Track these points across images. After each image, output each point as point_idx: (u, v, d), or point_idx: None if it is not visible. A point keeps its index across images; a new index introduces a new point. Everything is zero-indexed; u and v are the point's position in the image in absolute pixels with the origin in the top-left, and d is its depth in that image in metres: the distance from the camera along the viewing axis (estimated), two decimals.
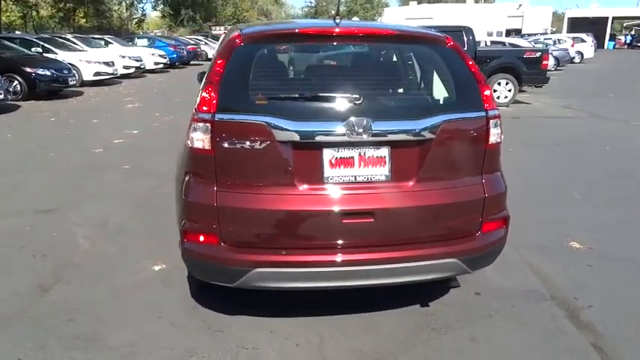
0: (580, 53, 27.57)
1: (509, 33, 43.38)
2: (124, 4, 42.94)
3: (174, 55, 22.62)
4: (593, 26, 41.44)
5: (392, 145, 2.27)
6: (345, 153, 2.26)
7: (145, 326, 2.76)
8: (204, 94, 2.26)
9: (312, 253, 2.28)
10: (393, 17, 58.45)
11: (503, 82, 11.18)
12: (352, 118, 2.20)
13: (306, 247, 2.29)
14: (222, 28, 46.88)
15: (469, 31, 10.92)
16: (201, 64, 26.64)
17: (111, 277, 3.32)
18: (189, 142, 2.32)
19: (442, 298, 3.05)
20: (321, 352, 2.54)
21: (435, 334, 2.70)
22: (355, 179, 2.28)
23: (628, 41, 49.96)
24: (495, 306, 2.96)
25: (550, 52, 12.79)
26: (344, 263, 2.27)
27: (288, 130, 2.21)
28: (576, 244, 3.85)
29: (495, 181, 2.46)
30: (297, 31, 2.44)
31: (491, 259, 2.55)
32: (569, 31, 41.35)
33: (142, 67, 18.39)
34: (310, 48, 2.58)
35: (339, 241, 2.30)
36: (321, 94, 2.31)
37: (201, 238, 2.34)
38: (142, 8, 47.68)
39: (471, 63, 2.42)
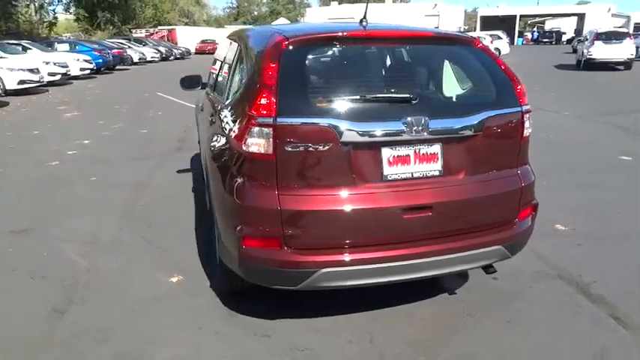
0: (498, 49, 29.45)
1: None
2: (32, 6, 40.05)
3: (100, 60, 21.49)
4: (503, 24, 44.28)
5: (444, 141, 2.38)
6: (403, 151, 2.35)
7: (189, 338, 2.69)
8: (262, 98, 2.24)
9: (376, 250, 2.34)
10: (315, 17, 59.10)
11: None
12: (410, 117, 2.29)
13: (369, 244, 2.35)
14: (144, 30, 45.07)
15: None
16: (128, 69, 25.56)
17: (127, 294, 3.18)
18: (244, 146, 2.29)
19: (465, 285, 3.22)
20: (375, 345, 2.61)
21: (472, 319, 2.86)
22: (412, 175, 2.38)
23: (534, 37, 54.30)
24: (515, 288, 3.17)
25: None
26: (406, 257, 2.36)
27: (352, 131, 2.26)
28: (561, 227, 4.18)
29: (527, 171, 2.66)
30: (342, 34, 2.50)
31: (525, 244, 2.74)
32: (481, 29, 44.05)
33: (67, 73, 17.32)
34: (355, 50, 2.63)
35: (401, 236, 2.39)
36: (379, 95, 2.39)
37: (263, 243, 2.33)
38: (53, 11, 44.71)
39: (500, 61, 2.60)
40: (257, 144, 2.26)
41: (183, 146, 7.41)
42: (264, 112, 2.22)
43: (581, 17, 45.26)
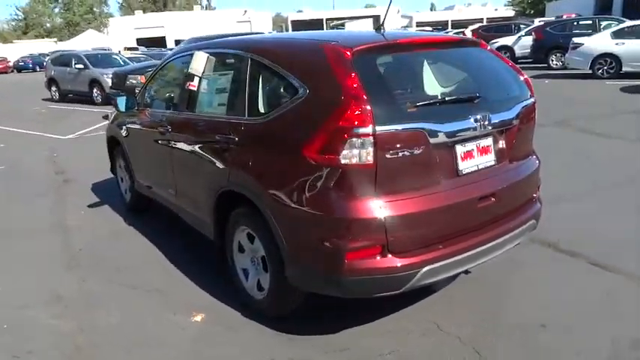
0: None
1: None
2: None
3: None
4: (311, 26, 47.30)
5: (493, 134, 2.65)
6: (469, 146, 2.55)
7: None
8: (354, 108, 2.22)
9: (462, 240, 2.51)
10: (121, 27, 55.40)
11: None
12: (478, 114, 2.51)
13: (456, 236, 2.51)
14: None
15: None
16: None
17: (157, 346, 2.81)
18: (340, 159, 2.24)
19: None
20: (446, 331, 2.79)
21: (496, 286, 3.22)
22: (477, 168, 2.60)
23: None
24: (513, 258, 3.59)
25: None
26: (483, 242, 2.58)
27: (438, 132, 2.39)
28: None
29: (536, 154, 3.09)
30: (398, 41, 2.59)
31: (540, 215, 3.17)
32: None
33: None
34: (409, 56, 2.72)
35: (477, 224, 2.59)
36: (453, 96, 2.54)
37: (366, 253, 2.31)
38: None
39: (506, 59, 2.98)
40: (355, 155, 2.24)
41: (69, 178, 6.51)
42: (361, 122, 2.21)
43: (376, 19, 50.63)
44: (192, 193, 3.47)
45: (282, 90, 2.68)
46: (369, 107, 2.23)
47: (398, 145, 2.29)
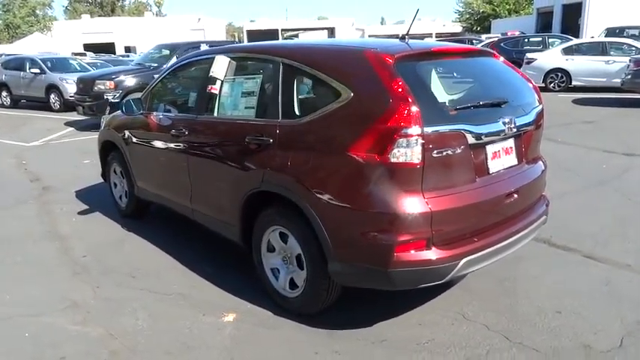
0: None
1: None
2: None
3: None
4: (266, 37, 47.34)
5: (515, 136, 2.87)
6: (496, 147, 2.75)
7: None
8: (403, 110, 2.36)
9: (493, 233, 2.71)
10: (66, 32, 53.40)
11: None
12: (506, 117, 2.72)
13: (488, 228, 2.70)
14: None
15: (238, 43, 11.64)
16: None
17: (196, 347, 2.83)
18: (390, 158, 2.38)
19: None
20: (472, 319, 2.97)
21: (511, 282, 3.45)
22: (503, 167, 2.80)
23: None
24: (513, 253, 3.83)
25: None
26: (509, 235, 2.78)
27: (474, 133, 2.58)
28: None
29: (542, 157, 3.35)
30: (432, 50, 2.77)
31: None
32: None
33: None
34: (442, 63, 2.89)
35: (504, 219, 2.80)
36: (486, 100, 2.74)
37: (413, 247, 2.45)
38: None
39: (517, 69, 3.23)
40: (404, 154, 2.38)
41: (48, 185, 6.28)
42: (410, 123, 2.36)
43: (331, 30, 51.50)
44: (213, 195, 3.50)
45: (321, 93, 2.80)
46: (417, 109, 2.38)
47: (442, 145, 2.46)
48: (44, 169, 7.24)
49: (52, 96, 14.07)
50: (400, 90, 2.43)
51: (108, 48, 46.33)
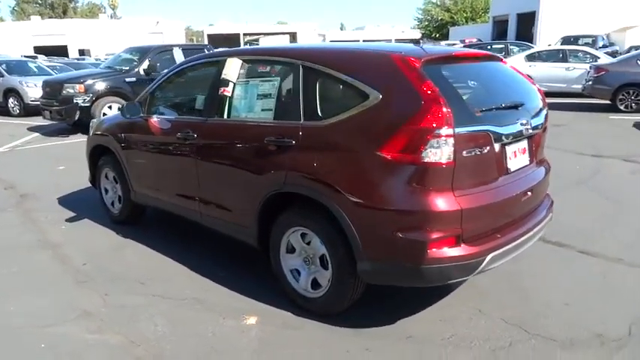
0: None
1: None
2: None
3: None
4: (227, 41, 46.94)
5: (528, 137, 3.01)
6: (514, 147, 2.87)
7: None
8: (435, 111, 2.44)
9: (514, 229, 2.83)
10: (14, 33, 51.14)
11: None
12: (524, 119, 2.85)
13: (509, 225, 2.82)
14: None
15: (210, 47, 11.57)
16: None
17: (219, 350, 2.81)
18: (423, 157, 2.46)
19: None
20: (487, 314, 3.09)
21: (517, 276, 3.59)
22: (519, 166, 2.93)
23: None
24: None
25: None
26: (527, 231, 2.91)
27: (499, 133, 2.69)
28: None
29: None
30: (453, 54, 2.89)
31: None
32: None
33: None
34: (461, 67, 2.98)
35: (521, 215, 2.93)
36: (507, 103, 2.86)
37: (445, 244, 2.54)
38: None
39: (523, 73, 3.38)
40: (436, 153, 2.46)
41: (25, 193, 6.03)
42: (442, 123, 2.45)
43: (293, 35, 51.65)
44: (226, 198, 3.48)
45: (347, 95, 2.85)
46: (448, 110, 2.47)
47: (470, 145, 2.57)
48: (16, 176, 6.94)
49: (11, 100, 13.48)
50: (431, 92, 2.51)
51: (60, 51, 44.63)
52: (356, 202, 2.66)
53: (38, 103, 10.99)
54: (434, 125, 2.46)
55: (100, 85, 10.06)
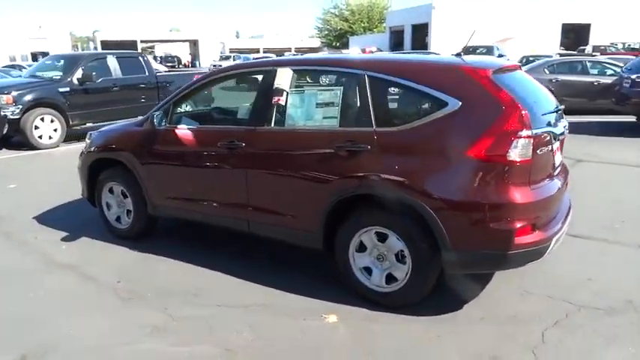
0: None
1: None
2: None
3: None
4: (124, 47, 44.69)
5: (559, 139, 3.47)
6: (555, 146, 3.29)
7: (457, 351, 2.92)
8: (518, 116, 2.79)
9: (560, 217, 3.26)
10: None
11: None
12: (562, 122, 3.31)
13: (555, 215, 3.23)
14: None
15: (144, 55, 11.17)
16: None
17: (319, 349, 2.93)
18: (508, 156, 2.79)
19: None
20: (539, 293, 3.51)
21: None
22: (557, 164, 3.38)
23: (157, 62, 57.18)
24: None
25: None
26: (566, 219, 3.36)
27: (555, 134, 3.13)
28: None
29: None
30: (505, 65, 3.26)
31: None
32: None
33: None
34: (511, 76, 3.33)
35: (561, 206, 3.37)
36: (555, 107, 3.28)
37: (526, 231, 2.88)
38: None
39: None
40: (519, 153, 2.81)
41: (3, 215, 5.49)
42: (523, 125, 2.80)
43: (194, 42, 50.46)
44: (286, 205, 3.54)
45: (422, 103, 3.12)
46: (527, 113, 2.85)
47: (541, 144, 2.97)
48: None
49: None
50: (508, 98, 2.87)
51: None
52: (443, 199, 2.94)
53: None
54: (517, 127, 2.81)
55: (30, 96, 9.27)
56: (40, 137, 9.33)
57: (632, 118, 10.30)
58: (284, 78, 3.53)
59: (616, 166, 7.29)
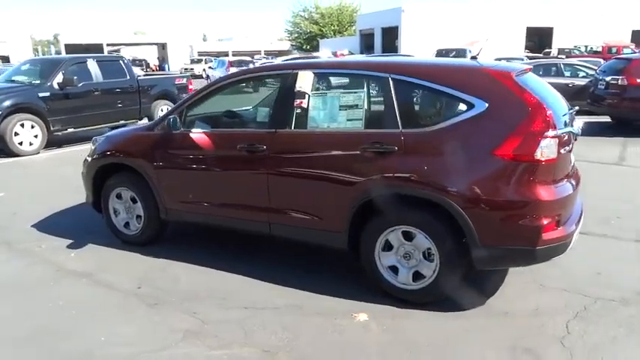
0: None
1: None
2: None
3: None
4: (90, 51, 43.61)
5: (576, 139, 3.62)
6: (571, 146, 3.47)
7: (496, 343, 3.02)
8: (543, 118, 2.92)
9: (576, 214, 3.41)
10: None
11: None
12: (576, 123, 3.46)
13: (572, 212, 3.38)
14: None
15: (125, 59, 11.01)
16: None
17: (359, 345, 2.99)
18: (536, 156, 2.92)
19: None
20: (555, 286, 3.65)
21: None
22: (573, 161, 3.54)
23: None
24: None
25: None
26: (581, 216, 3.52)
27: (575, 134, 3.28)
28: None
29: None
30: (523, 69, 3.38)
31: None
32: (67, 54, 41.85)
33: None
34: (528, 78, 3.45)
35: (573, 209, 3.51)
36: (571, 108, 3.42)
37: (552, 227, 3.01)
38: None
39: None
40: (545, 152, 2.94)
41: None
42: (549, 126, 2.94)
43: (163, 46, 49.60)
44: (310, 206, 3.58)
45: (448, 105, 3.23)
46: (551, 114, 2.98)
47: (564, 144, 3.11)
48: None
49: None
50: (534, 100, 3.00)
51: None
52: (472, 198, 3.04)
53: None
54: (543, 128, 2.94)
55: (9, 102, 8.97)
56: (21, 144, 9.03)
57: (607, 118, 10.75)
58: (305, 81, 3.57)
59: (602, 165, 7.56)
